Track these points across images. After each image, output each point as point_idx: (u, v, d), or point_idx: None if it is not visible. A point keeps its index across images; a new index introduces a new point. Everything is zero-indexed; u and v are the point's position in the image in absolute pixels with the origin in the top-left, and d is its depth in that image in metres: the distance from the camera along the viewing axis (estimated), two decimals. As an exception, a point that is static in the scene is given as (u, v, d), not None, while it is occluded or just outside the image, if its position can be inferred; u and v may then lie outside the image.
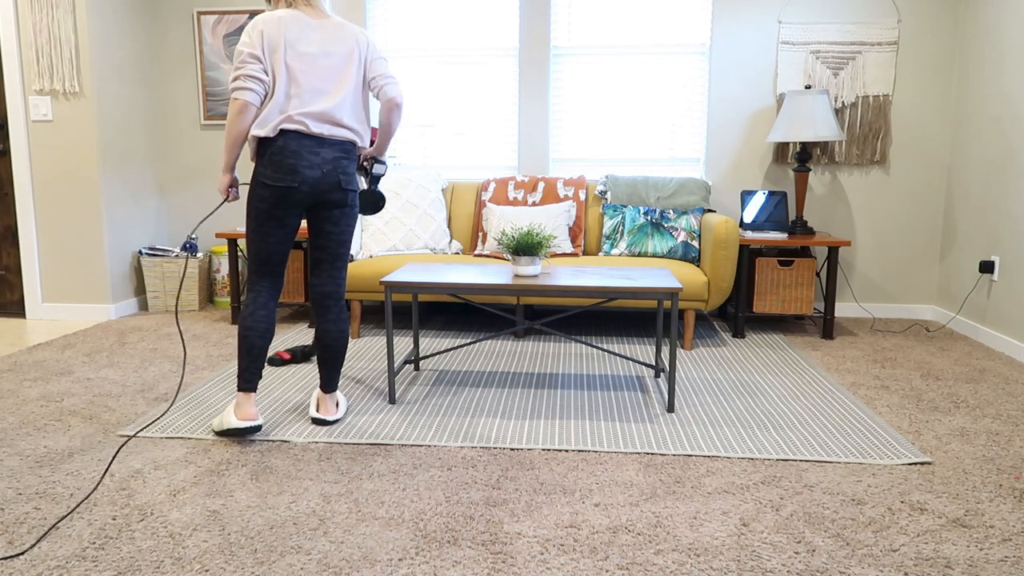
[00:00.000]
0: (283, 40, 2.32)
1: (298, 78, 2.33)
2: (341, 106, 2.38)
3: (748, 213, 3.96)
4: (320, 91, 2.35)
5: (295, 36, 2.34)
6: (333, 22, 2.42)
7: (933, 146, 4.17)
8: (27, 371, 3.16)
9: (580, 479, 2.10)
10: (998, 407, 2.74)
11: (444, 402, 2.75)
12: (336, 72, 2.38)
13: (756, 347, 3.59)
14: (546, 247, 2.73)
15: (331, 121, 2.37)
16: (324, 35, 2.38)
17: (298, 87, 2.33)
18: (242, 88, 2.27)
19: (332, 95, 2.37)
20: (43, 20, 3.96)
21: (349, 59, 2.40)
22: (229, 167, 2.40)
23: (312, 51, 2.35)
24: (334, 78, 2.38)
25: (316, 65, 2.35)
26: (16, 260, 4.22)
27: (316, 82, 2.35)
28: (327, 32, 2.39)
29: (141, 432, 2.44)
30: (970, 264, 3.90)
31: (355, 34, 2.43)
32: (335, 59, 2.38)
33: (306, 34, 2.35)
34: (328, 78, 2.37)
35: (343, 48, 2.39)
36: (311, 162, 2.34)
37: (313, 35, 2.36)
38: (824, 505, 1.95)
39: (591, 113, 4.34)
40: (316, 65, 2.35)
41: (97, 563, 1.67)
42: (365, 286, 3.66)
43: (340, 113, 2.37)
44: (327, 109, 2.35)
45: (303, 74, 2.33)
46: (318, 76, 2.35)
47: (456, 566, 1.65)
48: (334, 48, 2.38)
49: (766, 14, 4.13)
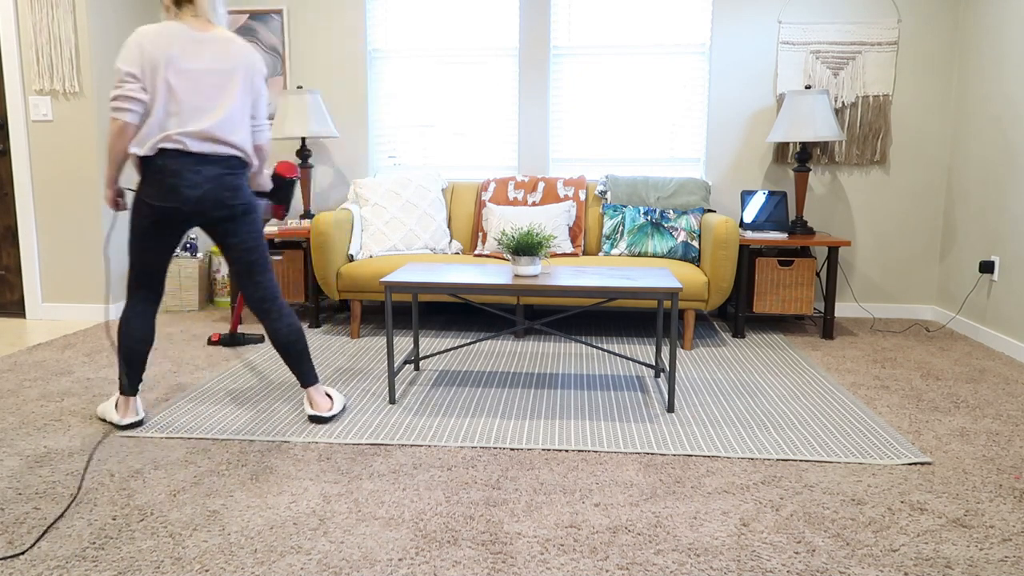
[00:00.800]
0: (164, 57, 2.29)
1: (179, 96, 2.31)
2: (223, 124, 2.36)
3: (748, 213, 3.96)
4: (201, 109, 2.34)
5: (178, 52, 2.31)
6: (220, 36, 2.40)
7: (933, 146, 4.17)
8: (27, 371, 3.16)
9: (580, 479, 2.10)
10: (998, 407, 2.74)
11: (444, 402, 2.75)
12: (220, 90, 2.37)
13: (756, 347, 3.59)
14: (546, 247, 2.73)
15: (212, 139, 2.35)
16: (209, 51, 2.36)
17: (178, 105, 2.31)
18: (119, 109, 2.27)
19: (214, 113, 2.35)
20: (43, 20, 3.96)
21: (233, 77, 2.39)
22: (111, 181, 2.41)
23: (195, 67, 2.34)
24: (217, 95, 2.36)
25: (199, 83, 2.34)
26: (16, 260, 4.22)
27: (197, 100, 2.33)
28: (213, 48, 2.37)
29: (140, 433, 2.44)
30: (970, 264, 3.90)
31: (244, 53, 2.42)
32: (219, 77, 2.36)
33: (189, 49, 2.33)
34: (211, 96, 2.35)
35: (228, 65, 2.38)
36: (191, 181, 2.33)
37: (197, 50, 2.34)
38: (824, 505, 1.95)
39: (591, 113, 4.34)
40: (199, 83, 2.34)
41: (97, 563, 1.67)
42: (365, 286, 3.66)
43: (222, 131, 2.36)
44: (208, 127, 2.34)
45: (184, 92, 2.32)
46: (200, 94, 2.34)
47: (456, 566, 1.66)
48: (219, 65, 2.37)
49: (766, 14, 4.13)
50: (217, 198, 2.37)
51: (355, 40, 4.38)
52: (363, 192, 4.03)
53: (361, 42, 4.38)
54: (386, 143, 4.51)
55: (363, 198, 4.01)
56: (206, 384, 2.96)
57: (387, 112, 4.48)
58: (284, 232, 3.91)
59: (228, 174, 2.40)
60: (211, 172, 2.36)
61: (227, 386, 2.93)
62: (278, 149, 4.55)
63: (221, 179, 2.38)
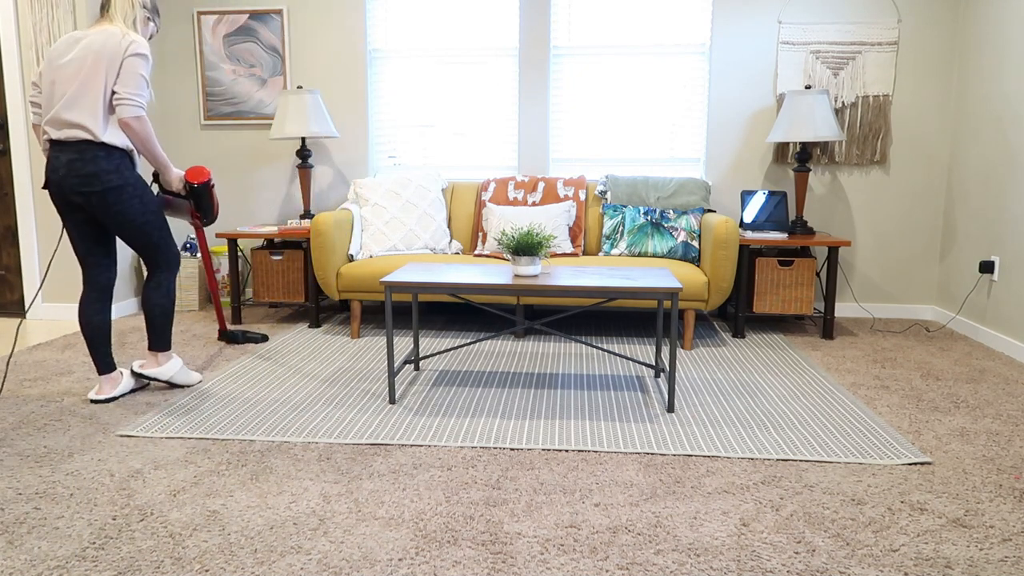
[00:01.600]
0: (47, 60, 2.53)
1: (50, 90, 2.51)
2: (65, 105, 2.47)
3: (748, 213, 3.96)
4: (58, 96, 2.49)
5: (56, 53, 2.53)
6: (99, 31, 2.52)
7: (933, 146, 4.17)
8: (27, 371, 3.16)
9: (580, 479, 2.10)
10: (998, 407, 2.74)
11: (444, 402, 2.75)
12: (74, 76, 2.48)
13: (756, 347, 3.59)
14: (546, 247, 2.73)
15: (59, 122, 2.48)
16: (79, 44, 2.50)
17: (48, 99, 2.52)
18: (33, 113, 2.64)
19: (64, 98, 2.48)
20: (43, 20, 3.96)
21: (86, 62, 2.48)
22: None
23: (61, 62, 2.51)
24: (70, 82, 2.48)
25: (62, 72, 2.50)
26: (16, 260, 4.22)
27: (58, 90, 2.50)
28: (84, 42, 2.50)
29: (140, 432, 2.44)
30: (970, 264, 3.90)
31: (109, 40, 2.49)
32: (75, 63, 2.48)
33: (64, 48, 2.52)
34: (67, 81, 2.48)
35: (87, 52, 2.48)
36: (53, 166, 2.52)
37: (70, 47, 2.51)
38: (824, 505, 1.95)
39: (591, 113, 4.34)
40: (62, 72, 2.50)
41: (97, 563, 1.67)
42: (365, 286, 3.66)
43: (66, 112, 2.46)
44: (55, 112, 2.48)
45: (51, 85, 2.51)
46: (61, 84, 2.49)
47: (456, 566, 1.65)
48: (79, 54, 2.49)
49: (766, 14, 4.13)
50: (70, 185, 2.51)
51: (355, 40, 4.38)
52: (363, 192, 4.03)
53: (361, 42, 4.37)
54: (386, 143, 4.51)
55: (363, 198, 4.01)
56: (206, 384, 2.96)
57: (387, 112, 4.48)
58: (284, 232, 3.91)
59: (77, 159, 2.49)
60: (65, 158, 2.50)
61: (227, 386, 2.93)
62: (278, 149, 4.55)
63: (71, 165, 2.49)
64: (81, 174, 2.48)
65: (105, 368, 2.73)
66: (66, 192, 2.52)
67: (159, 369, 2.83)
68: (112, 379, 2.74)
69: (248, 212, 4.62)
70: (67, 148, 2.49)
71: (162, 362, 2.83)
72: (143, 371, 2.80)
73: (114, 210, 2.56)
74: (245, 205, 4.61)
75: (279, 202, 4.59)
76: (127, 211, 2.58)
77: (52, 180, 2.52)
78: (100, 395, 2.71)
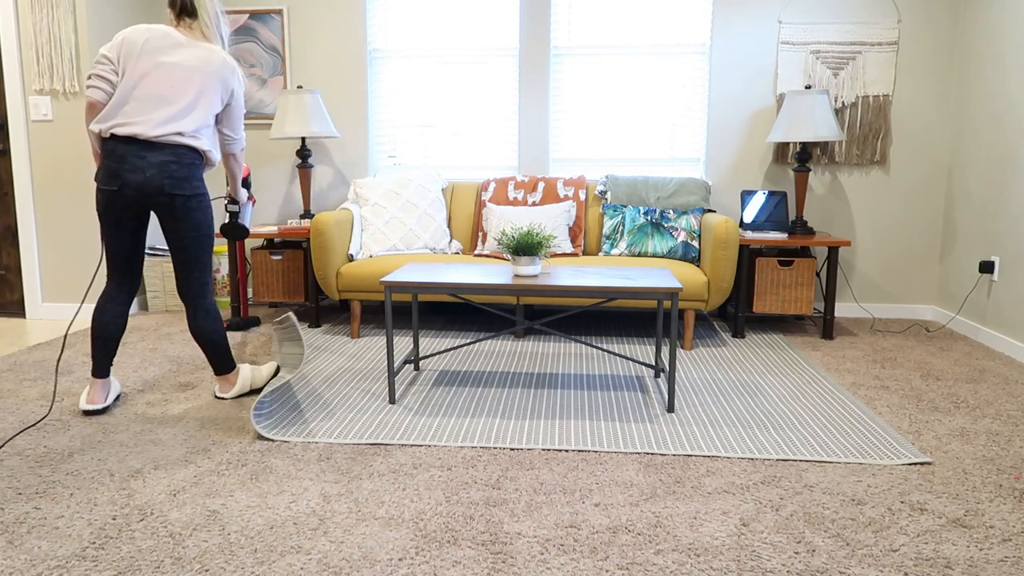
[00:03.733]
0: (141, 46, 2.44)
1: (145, 83, 2.43)
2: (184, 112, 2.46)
3: (748, 213, 3.96)
4: (162, 99, 2.44)
5: (156, 45, 2.46)
6: (204, 45, 2.53)
7: (933, 146, 4.17)
8: (27, 371, 3.16)
9: (580, 479, 2.10)
10: (998, 407, 2.74)
11: (444, 402, 2.75)
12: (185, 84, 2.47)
13: (756, 347, 3.59)
14: (546, 247, 2.73)
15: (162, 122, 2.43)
16: (186, 51, 2.49)
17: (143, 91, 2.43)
18: (89, 86, 2.45)
19: (173, 103, 2.45)
20: (43, 20, 3.96)
21: (198, 74, 2.49)
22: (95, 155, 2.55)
23: (168, 61, 2.46)
24: (181, 89, 2.46)
25: (166, 72, 2.45)
26: (16, 260, 4.22)
27: (160, 90, 2.44)
28: (191, 51, 2.50)
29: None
30: (970, 264, 3.90)
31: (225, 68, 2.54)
32: (187, 72, 2.47)
33: (167, 45, 2.47)
34: (176, 85, 2.46)
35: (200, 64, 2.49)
36: (134, 166, 2.42)
37: (175, 48, 2.48)
38: (824, 505, 1.95)
39: (591, 113, 4.34)
40: (166, 72, 2.45)
41: (97, 563, 1.67)
42: (365, 286, 3.66)
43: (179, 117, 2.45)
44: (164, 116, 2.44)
45: (150, 81, 2.44)
46: (165, 85, 2.44)
47: (456, 566, 1.65)
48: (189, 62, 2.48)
49: (766, 14, 4.13)
50: (158, 185, 2.44)
51: (355, 40, 4.38)
52: (363, 192, 4.03)
53: (361, 42, 4.37)
54: (386, 143, 4.51)
55: (363, 198, 4.01)
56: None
57: (387, 112, 4.47)
58: (284, 232, 3.91)
59: (173, 162, 2.46)
60: (156, 159, 2.43)
61: (227, 386, 2.93)
62: (278, 149, 4.55)
63: (166, 166, 2.45)
64: (176, 176, 2.45)
65: (102, 372, 2.65)
66: (149, 192, 2.44)
67: (236, 387, 2.79)
68: (104, 385, 2.65)
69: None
70: (159, 149, 2.43)
71: (233, 381, 2.79)
72: (225, 395, 2.78)
73: (193, 215, 2.54)
74: (245, 205, 4.61)
75: (279, 202, 4.59)
76: (202, 221, 2.59)
77: (131, 180, 2.42)
78: (92, 404, 2.61)
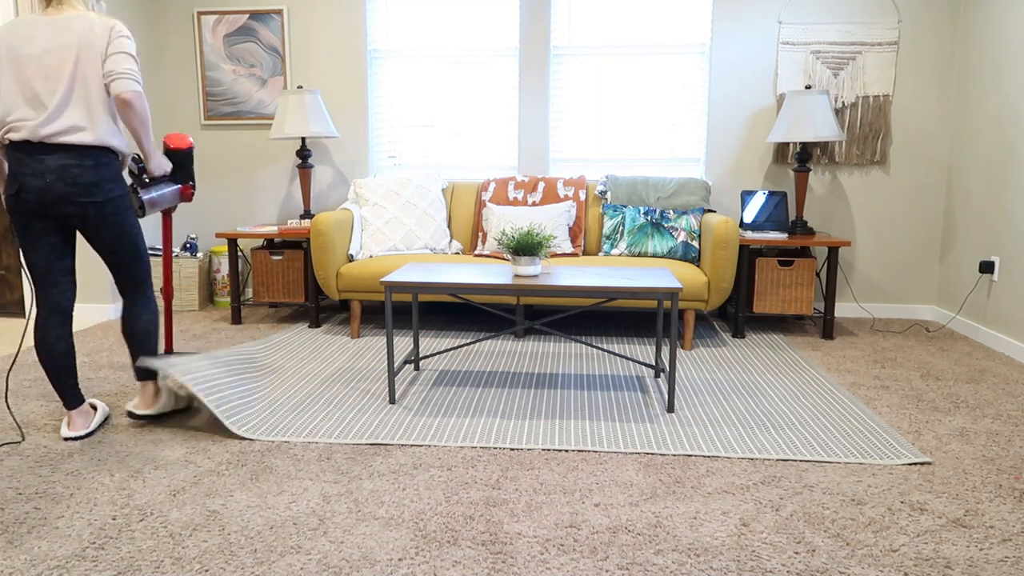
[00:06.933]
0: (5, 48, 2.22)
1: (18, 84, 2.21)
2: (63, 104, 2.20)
3: (748, 213, 3.96)
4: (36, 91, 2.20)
5: (17, 41, 2.22)
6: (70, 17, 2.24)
7: (933, 146, 4.17)
8: (27, 371, 3.16)
9: (580, 479, 2.10)
10: (998, 407, 2.74)
11: (444, 402, 2.75)
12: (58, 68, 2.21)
13: (756, 347, 3.59)
14: (546, 247, 2.73)
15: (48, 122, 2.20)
16: (51, 33, 2.21)
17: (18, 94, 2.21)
18: None
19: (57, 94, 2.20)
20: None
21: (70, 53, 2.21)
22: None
23: (31, 51, 2.21)
24: (55, 75, 2.20)
25: (35, 64, 2.20)
26: (16, 260, 4.22)
27: (36, 82, 2.20)
28: (55, 29, 2.22)
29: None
30: (970, 264, 3.90)
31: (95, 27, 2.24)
32: (55, 54, 2.21)
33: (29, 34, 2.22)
34: (48, 75, 2.20)
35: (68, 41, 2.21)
36: (34, 170, 2.20)
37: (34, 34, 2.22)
38: (824, 505, 1.95)
39: (591, 113, 4.34)
40: (35, 64, 2.20)
41: (97, 563, 1.67)
42: (365, 286, 3.66)
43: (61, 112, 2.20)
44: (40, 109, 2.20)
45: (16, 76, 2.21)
46: (37, 75, 2.20)
47: (456, 566, 1.65)
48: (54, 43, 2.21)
49: (766, 14, 4.13)
50: (61, 194, 2.21)
51: (355, 40, 4.38)
52: (363, 192, 4.03)
53: (361, 42, 4.37)
54: (386, 143, 4.51)
55: (363, 198, 4.01)
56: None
57: (387, 112, 4.47)
58: (284, 232, 3.91)
59: (74, 165, 2.22)
60: (55, 162, 2.20)
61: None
62: (278, 149, 4.55)
63: (66, 171, 2.21)
64: (80, 183, 2.21)
65: (74, 401, 2.39)
66: (52, 201, 2.21)
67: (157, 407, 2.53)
68: (84, 412, 2.41)
69: (248, 212, 4.62)
70: (56, 151, 2.20)
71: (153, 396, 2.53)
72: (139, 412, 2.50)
73: (112, 221, 2.31)
74: (245, 205, 4.61)
75: (279, 202, 4.59)
76: (124, 223, 2.35)
77: (32, 187, 2.19)
78: (74, 431, 2.37)
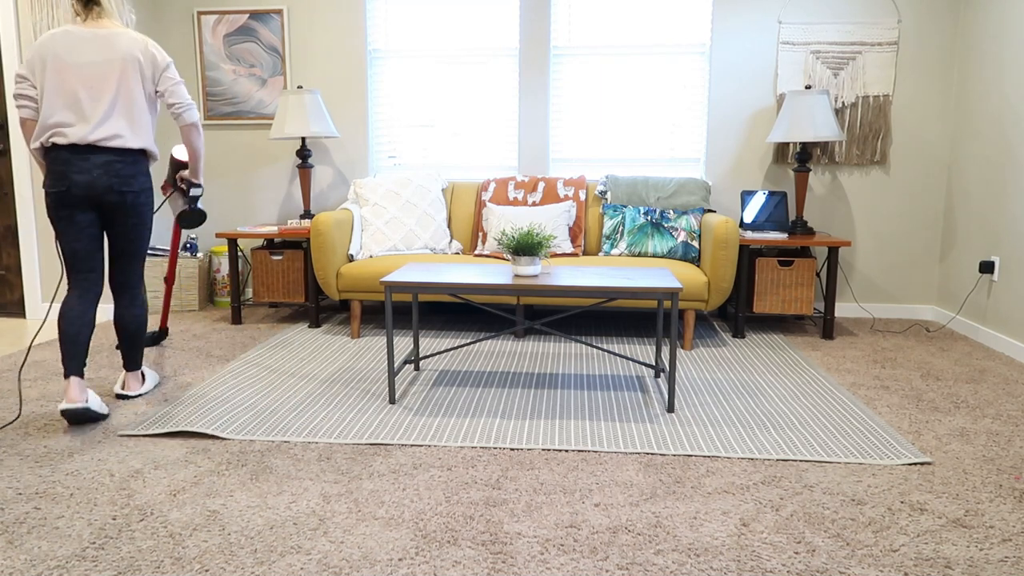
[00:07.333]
0: (49, 55, 2.47)
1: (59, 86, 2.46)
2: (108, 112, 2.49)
3: (748, 213, 3.96)
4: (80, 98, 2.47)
5: (61, 50, 2.47)
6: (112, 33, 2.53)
7: (933, 146, 4.17)
8: (27, 371, 3.16)
9: (580, 479, 2.10)
10: (998, 407, 2.74)
11: (444, 402, 2.75)
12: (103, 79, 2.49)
13: (756, 347, 3.59)
14: (546, 247, 2.73)
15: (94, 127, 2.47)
16: (96, 45, 2.49)
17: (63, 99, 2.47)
18: (17, 106, 2.53)
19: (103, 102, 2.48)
20: (43, 20, 3.96)
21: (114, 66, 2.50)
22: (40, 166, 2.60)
23: (77, 60, 2.48)
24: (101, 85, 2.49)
25: (81, 73, 2.47)
26: (16, 260, 4.22)
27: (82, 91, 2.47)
28: (100, 43, 2.50)
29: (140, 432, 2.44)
30: (970, 264, 3.90)
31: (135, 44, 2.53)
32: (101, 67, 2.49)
33: (75, 44, 2.48)
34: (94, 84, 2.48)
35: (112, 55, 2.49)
36: (79, 167, 2.47)
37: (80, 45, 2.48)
38: (824, 505, 1.95)
39: (591, 113, 4.34)
40: (81, 73, 2.47)
41: (97, 563, 1.67)
42: (365, 286, 3.66)
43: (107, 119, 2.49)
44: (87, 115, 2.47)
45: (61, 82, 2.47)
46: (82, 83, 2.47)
47: (456, 566, 1.65)
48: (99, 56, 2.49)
49: (766, 14, 4.13)
50: (106, 184, 2.50)
51: (355, 40, 4.38)
52: (363, 192, 4.03)
53: (361, 42, 4.37)
54: (386, 143, 4.51)
55: (363, 198, 4.01)
56: (206, 384, 2.96)
57: (387, 112, 4.47)
58: (284, 232, 3.91)
59: (117, 161, 2.52)
60: (100, 159, 2.49)
61: (226, 386, 2.93)
62: (278, 149, 4.55)
63: (110, 165, 2.51)
64: (122, 175, 2.52)
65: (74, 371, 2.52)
66: (98, 191, 2.49)
67: (145, 385, 2.86)
68: (79, 384, 2.51)
69: (248, 212, 4.62)
70: (100, 152, 2.49)
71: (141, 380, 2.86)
72: (128, 392, 2.80)
73: (141, 212, 2.63)
74: (245, 205, 4.61)
75: (279, 202, 4.59)
76: (147, 216, 2.68)
77: (80, 182, 2.47)
78: (72, 403, 2.46)
